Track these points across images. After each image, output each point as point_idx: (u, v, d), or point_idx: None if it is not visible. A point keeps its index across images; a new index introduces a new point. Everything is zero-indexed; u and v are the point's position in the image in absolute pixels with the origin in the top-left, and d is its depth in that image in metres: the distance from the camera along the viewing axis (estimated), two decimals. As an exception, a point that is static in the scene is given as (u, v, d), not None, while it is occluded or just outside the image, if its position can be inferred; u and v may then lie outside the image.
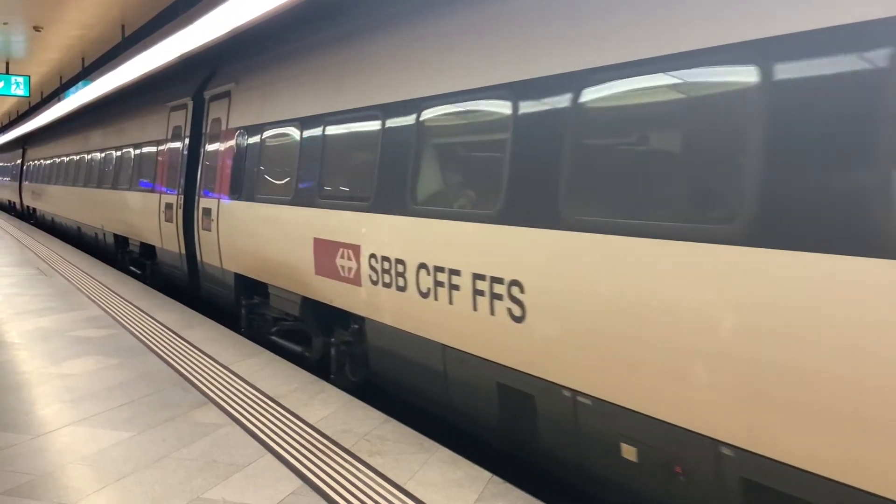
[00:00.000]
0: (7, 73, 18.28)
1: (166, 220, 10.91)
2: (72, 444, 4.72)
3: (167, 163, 11.23)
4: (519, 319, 4.29)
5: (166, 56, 10.47)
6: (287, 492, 4.04)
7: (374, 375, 6.18)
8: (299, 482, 4.17)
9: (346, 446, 4.71)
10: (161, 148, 11.65)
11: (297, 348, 7.47)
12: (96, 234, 16.06)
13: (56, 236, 20.81)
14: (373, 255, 5.72)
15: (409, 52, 5.72)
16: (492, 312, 4.49)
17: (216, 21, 8.19)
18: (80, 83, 16.38)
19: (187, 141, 10.48)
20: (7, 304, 9.68)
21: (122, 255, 14.26)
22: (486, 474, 4.27)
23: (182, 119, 10.83)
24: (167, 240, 10.98)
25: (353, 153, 6.34)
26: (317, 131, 6.82)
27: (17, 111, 31.94)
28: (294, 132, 7.26)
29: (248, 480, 4.19)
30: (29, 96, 18.78)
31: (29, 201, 26.87)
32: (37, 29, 14.21)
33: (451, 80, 5.10)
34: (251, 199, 8.09)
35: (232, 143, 8.80)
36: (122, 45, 14.10)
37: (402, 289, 5.36)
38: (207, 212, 9.33)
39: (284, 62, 8.09)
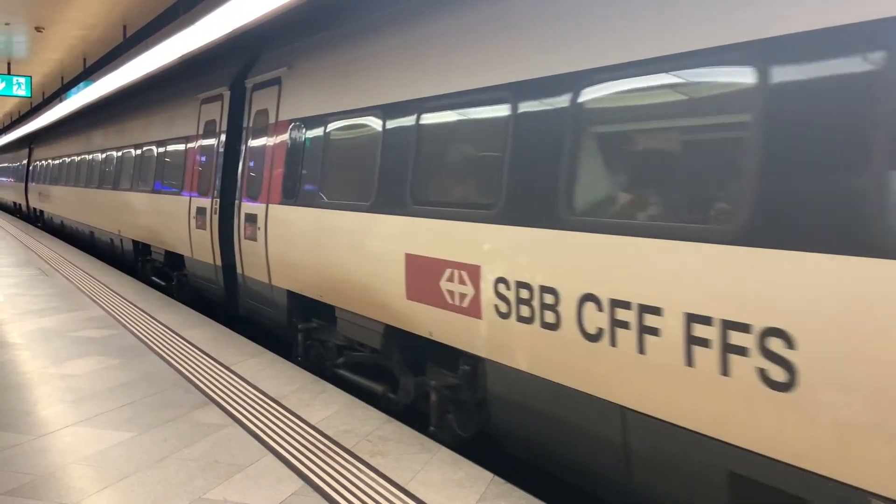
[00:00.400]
0: (9, 73, 18.32)
1: (198, 227, 9.70)
2: (73, 444, 4.72)
3: (198, 162, 10.01)
4: (782, 387, 3.00)
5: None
6: (288, 492, 4.04)
7: (497, 433, 4.89)
8: (301, 482, 4.17)
9: (348, 447, 4.71)
10: (191, 145, 10.42)
11: (378, 388, 6.12)
12: (111, 239, 14.79)
13: (65, 240, 20.04)
14: (501, 280, 4.44)
15: (562, 10, 4.32)
16: (724, 371, 3.20)
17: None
18: (81, 83, 16.41)
19: (223, 137, 9.24)
20: (9, 304, 9.69)
21: (143, 264, 12.99)
22: (488, 475, 4.27)
23: (216, 112, 9.58)
24: (198, 249, 9.75)
25: (467, 147, 5.06)
26: (407, 121, 5.50)
27: (19, 111, 32.00)
28: (374, 123, 5.96)
29: (250, 481, 4.19)
30: (31, 97, 18.81)
31: (36, 203, 25.69)
32: (38, 29, 14.25)
33: (646, 44, 3.68)
34: (312, 203, 6.80)
35: (284, 137, 7.53)
36: (123, 45, 14.14)
37: (551, 326, 4.09)
38: (252, 218, 8.03)
39: (358, 40, 6.71)
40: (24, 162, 29.35)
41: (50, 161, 23.09)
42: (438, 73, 5.30)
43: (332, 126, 6.67)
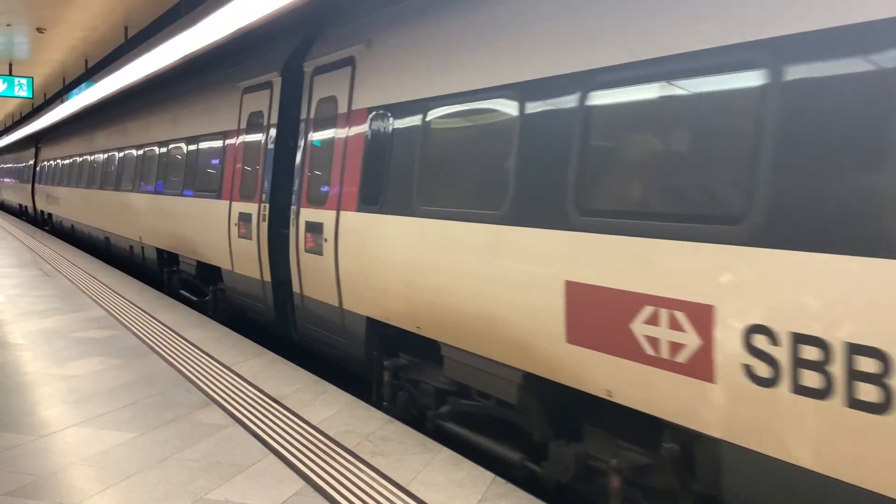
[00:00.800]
0: (10, 74, 18.34)
1: (240, 236, 8.49)
2: (75, 444, 4.73)
3: (241, 160, 8.79)
4: None
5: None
6: (290, 493, 4.04)
7: None
8: (302, 483, 4.17)
9: (349, 447, 4.72)
10: (230, 142, 9.15)
11: (512, 456, 4.74)
12: (131, 246, 13.47)
13: (67, 241, 19.63)
14: (760, 330, 3.12)
15: None
16: None
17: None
18: (83, 84, 16.43)
19: (273, 132, 8.00)
20: (10, 305, 9.70)
21: (169, 276, 11.73)
22: (489, 475, 4.27)
23: (264, 102, 8.34)
24: (241, 261, 8.52)
25: (684, 135, 3.65)
26: (567, 102, 4.17)
27: (21, 112, 32.03)
28: (507, 107, 4.65)
29: (252, 481, 4.20)
30: (32, 97, 18.84)
31: (43, 206, 24.21)
32: (40, 30, 14.27)
33: None
34: (406, 211, 5.48)
35: (361, 129, 6.25)
36: (124, 46, 14.16)
37: (874, 408, 2.75)
38: (315, 228, 6.78)
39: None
40: (31, 162, 28.26)
41: (60, 161, 21.78)
42: (629, 35, 3.90)
43: (436, 113, 5.35)
